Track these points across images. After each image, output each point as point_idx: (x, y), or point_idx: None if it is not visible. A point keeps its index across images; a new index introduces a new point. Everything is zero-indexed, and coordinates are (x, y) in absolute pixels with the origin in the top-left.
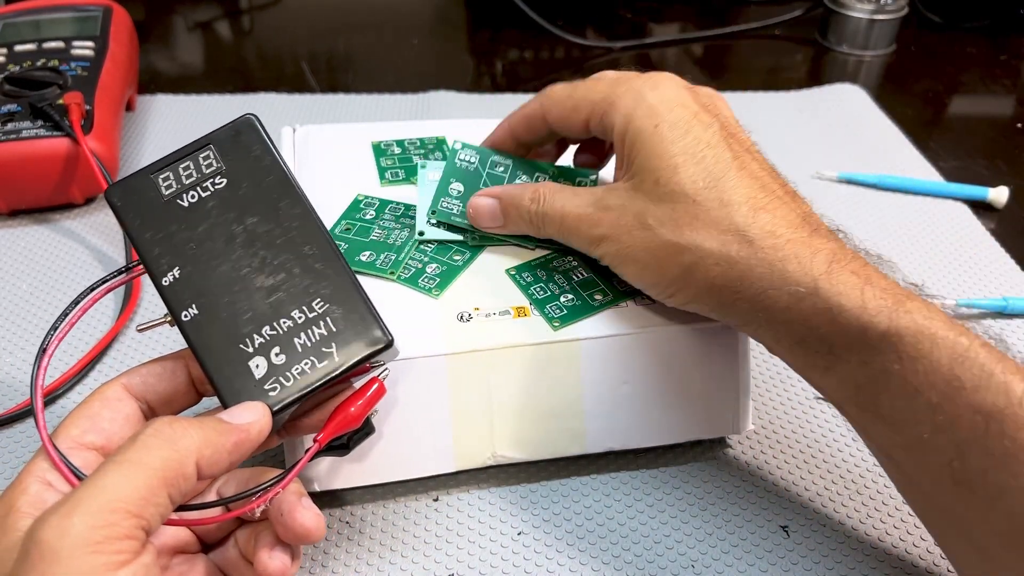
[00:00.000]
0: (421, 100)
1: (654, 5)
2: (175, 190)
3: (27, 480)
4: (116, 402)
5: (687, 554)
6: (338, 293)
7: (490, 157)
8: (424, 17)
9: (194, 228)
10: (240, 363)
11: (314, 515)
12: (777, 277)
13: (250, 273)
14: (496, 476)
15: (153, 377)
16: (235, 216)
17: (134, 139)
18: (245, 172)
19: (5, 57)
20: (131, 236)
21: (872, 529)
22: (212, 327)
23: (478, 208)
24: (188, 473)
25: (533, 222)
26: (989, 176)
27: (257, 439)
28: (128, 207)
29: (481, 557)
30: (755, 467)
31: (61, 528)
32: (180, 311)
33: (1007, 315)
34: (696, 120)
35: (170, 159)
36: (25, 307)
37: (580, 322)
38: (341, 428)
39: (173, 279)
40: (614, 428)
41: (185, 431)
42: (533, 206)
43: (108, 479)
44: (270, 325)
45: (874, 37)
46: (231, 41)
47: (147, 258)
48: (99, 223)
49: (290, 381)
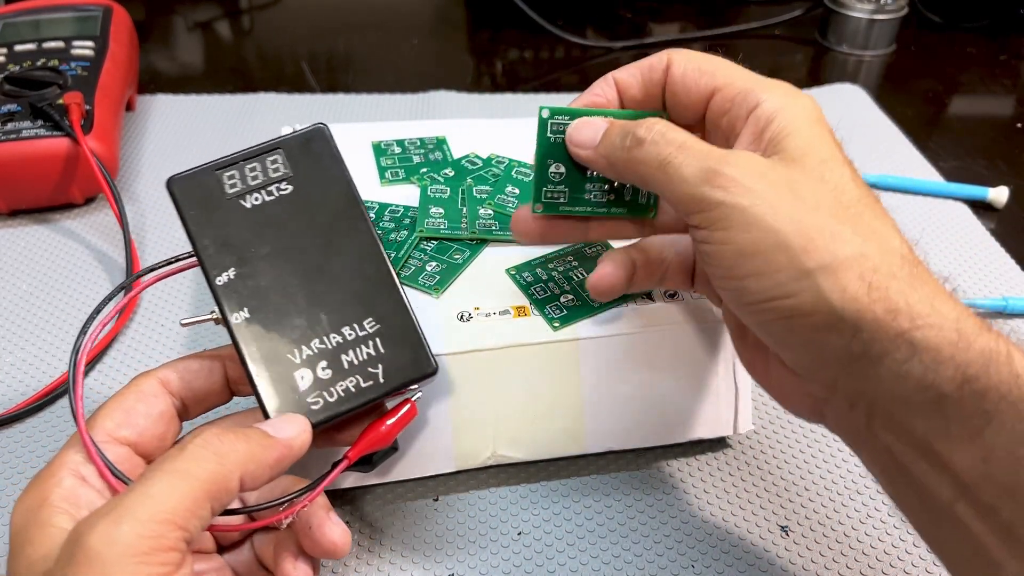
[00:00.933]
0: (421, 100)
1: (654, 5)
2: (239, 190)
3: (61, 472)
4: (152, 397)
5: (687, 554)
6: (390, 315)
7: None
8: (424, 17)
9: (254, 231)
10: (285, 373)
11: (342, 531)
12: (927, 307)
13: (305, 284)
14: (496, 476)
15: (190, 374)
16: (297, 224)
17: (134, 139)
18: (312, 181)
19: (5, 57)
20: (189, 230)
21: (872, 529)
22: (261, 333)
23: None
24: (232, 487)
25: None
26: (989, 176)
27: (298, 454)
28: (189, 200)
29: (481, 557)
30: (755, 467)
31: (109, 536)
32: (231, 313)
33: (1007, 315)
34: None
35: (237, 157)
36: (25, 307)
37: (580, 322)
38: (371, 446)
39: (228, 279)
40: (614, 428)
41: (232, 445)
42: (644, 132)
43: (156, 488)
44: (320, 339)
45: (874, 37)
46: (231, 41)
47: (203, 254)
48: (99, 223)
49: (333, 397)
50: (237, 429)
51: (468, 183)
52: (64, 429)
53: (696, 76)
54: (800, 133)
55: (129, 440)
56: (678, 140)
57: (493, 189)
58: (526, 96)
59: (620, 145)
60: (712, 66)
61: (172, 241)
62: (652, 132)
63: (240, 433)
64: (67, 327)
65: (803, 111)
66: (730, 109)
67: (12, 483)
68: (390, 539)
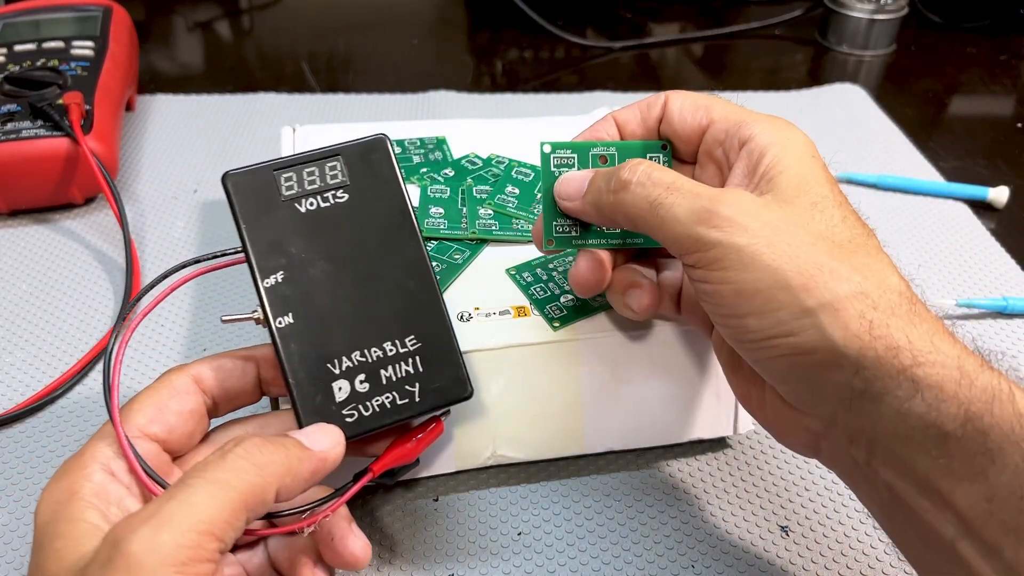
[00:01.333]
0: (421, 100)
1: (654, 5)
2: (295, 192)
3: (91, 466)
4: (184, 394)
5: (687, 554)
6: (432, 334)
7: (590, 151)
8: (424, 17)
9: (307, 236)
10: (323, 382)
11: (364, 544)
12: (928, 344)
13: (352, 295)
14: (496, 476)
15: (224, 373)
16: (349, 234)
17: (134, 139)
18: (368, 192)
19: (5, 57)
20: (240, 227)
21: (872, 529)
22: (303, 340)
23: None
24: (268, 500)
25: (618, 191)
26: (989, 176)
27: (331, 468)
28: (244, 196)
29: (481, 557)
30: (755, 467)
31: (150, 543)
32: (276, 316)
33: (1007, 315)
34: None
35: (295, 160)
36: (25, 307)
37: (580, 322)
38: (397, 461)
39: (275, 282)
40: (614, 428)
41: (271, 456)
42: (628, 174)
43: (197, 497)
44: (360, 351)
45: (874, 37)
46: (231, 41)
47: (254, 254)
48: (99, 223)
49: (368, 411)
50: (275, 439)
51: (468, 183)
52: (64, 429)
53: (692, 111)
54: (792, 170)
55: (158, 437)
56: (665, 180)
57: (493, 189)
58: (526, 96)
59: (606, 190)
60: (707, 101)
61: (172, 241)
62: (637, 174)
63: (278, 444)
64: (67, 327)
65: (795, 146)
66: (724, 141)
67: (12, 483)
68: (390, 539)
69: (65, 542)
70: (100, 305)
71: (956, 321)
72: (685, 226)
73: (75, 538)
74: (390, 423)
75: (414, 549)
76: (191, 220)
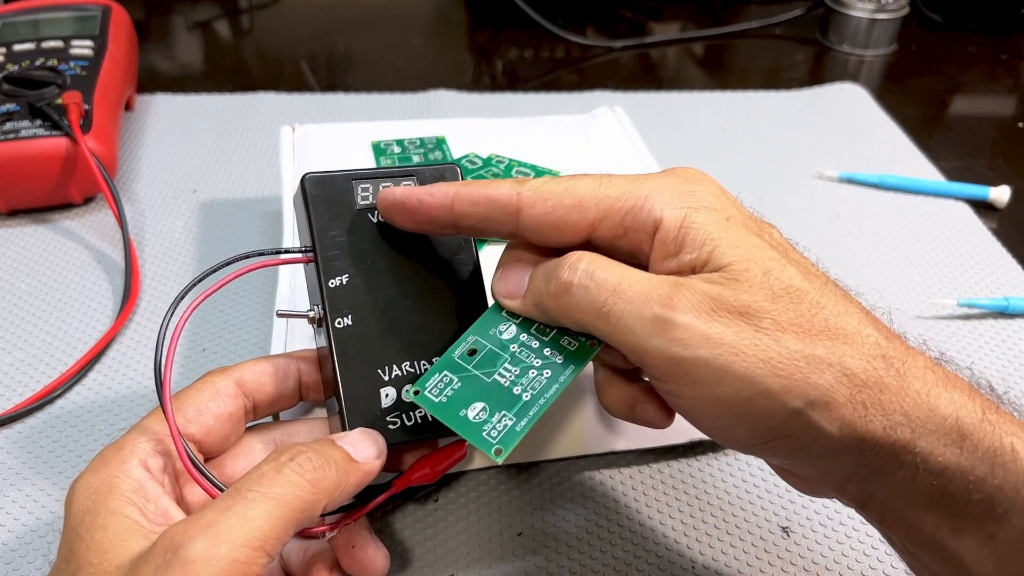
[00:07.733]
0: (421, 100)
1: (654, 4)
2: (369, 203)
3: (131, 461)
4: (226, 398)
5: (687, 554)
6: None
7: None
8: (424, 17)
9: (375, 245)
10: (372, 387)
11: (384, 554)
12: (925, 410)
13: (409, 306)
14: (496, 476)
15: (266, 377)
16: (414, 249)
17: (133, 139)
18: None
19: (4, 56)
20: (313, 228)
21: (872, 529)
22: (359, 343)
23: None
24: (315, 515)
25: (560, 294)
26: (990, 175)
27: (372, 479)
28: (320, 200)
29: (481, 557)
30: (755, 467)
31: (209, 554)
32: (335, 317)
33: (1008, 315)
34: (752, 221)
35: (373, 172)
36: (24, 307)
37: None
38: (420, 481)
39: (340, 284)
40: (614, 428)
41: (324, 472)
42: (568, 275)
43: (255, 513)
44: (410, 362)
45: (875, 36)
46: (231, 41)
47: (323, 255)
48: (98, 223)
49: (411, 422)
50: (325, 452)
51: None
52: (63, 430)
53: (564, 213)
54: (724, 240)
55: (195, 438)
56: (611, 282)
57: None
58: (526, 96)
59: (547, 292)
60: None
61: (171, 241)
62: (578, 274)
63: (329, 459)
64: (66, 327)
65: (708, 209)
66: (624, 234)
67: (11, 483)
68: (390, 539)
69: (107, 535)
70: (99, 305)
71: (957, 321)
72: (640, 338)
73: (118, 532)
74: (430, 436)
75: (414, 549)
76: (191, 220)
